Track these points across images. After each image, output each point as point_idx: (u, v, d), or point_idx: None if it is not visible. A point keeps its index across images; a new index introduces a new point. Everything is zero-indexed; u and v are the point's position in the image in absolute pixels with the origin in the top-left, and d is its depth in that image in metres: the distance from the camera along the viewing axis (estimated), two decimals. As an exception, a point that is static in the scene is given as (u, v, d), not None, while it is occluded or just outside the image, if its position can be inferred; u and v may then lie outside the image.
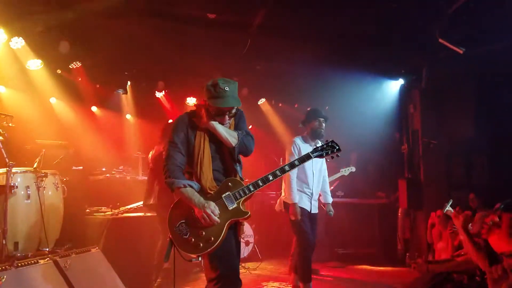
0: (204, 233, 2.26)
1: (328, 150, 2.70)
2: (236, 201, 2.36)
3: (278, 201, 4.49)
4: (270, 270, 5.62)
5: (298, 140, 4.17)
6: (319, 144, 3.76)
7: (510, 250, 2.98)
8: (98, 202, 4.99)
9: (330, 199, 4.37)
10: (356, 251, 6.53)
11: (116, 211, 4.76)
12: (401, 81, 6.39)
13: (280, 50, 5.93)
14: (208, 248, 2.24)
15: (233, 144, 2.43)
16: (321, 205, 4.47)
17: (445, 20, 4.44)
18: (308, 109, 4.45)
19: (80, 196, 4.67)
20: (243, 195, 2.39)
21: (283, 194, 4.25)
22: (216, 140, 2.45)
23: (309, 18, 5.09)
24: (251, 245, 6.15)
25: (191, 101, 7.33)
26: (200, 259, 2.27)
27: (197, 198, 2.31)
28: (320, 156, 2.67)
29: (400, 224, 6.36)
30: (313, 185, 4.15)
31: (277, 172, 2.44)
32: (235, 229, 2.43)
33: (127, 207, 4.90)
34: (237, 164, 2.51)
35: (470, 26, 4.69)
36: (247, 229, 6.15)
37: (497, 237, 3.10)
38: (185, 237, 2.25)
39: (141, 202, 5.03)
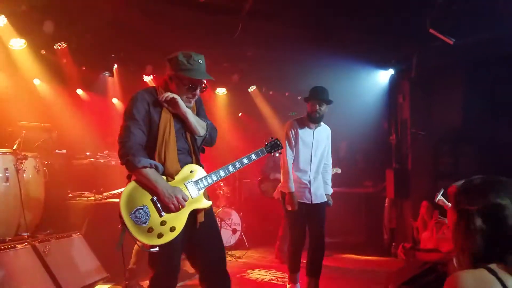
0: (166, 222, 2.10)
1: (275, 148, 2.65)
2: (199, 190, 2.26)
3: (276, 188, 4.37)
4: (257, 258, 5.61)
5: (295, 124, 3.77)
6: (313, 128, 3.71)
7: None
8: (81, 187, 4.89)
9: (330, 190, 3.97)
10: (343, 240, 6.56)
11: (100, 196, 4.67)
12: (391, 71, 6.35)
13: (271, 36, 5.83)
14: (171, 238, 2.10)
15: (201, 134, 2.34)
16: None
17: (436, 9, 4.38)
18: (313, 87, 3.90)
19: (63, 181, 4.57)
20: (206, 184, 2.29)
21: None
22: (180, 120, 2.31)
23: (301, 5, 4.99)
24: (238, 233, 6.13)
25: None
26: (158, 249, 2.09)
27: (164, 182, 2.14)
28: (269, 152, 2.63)
29: (386, 214, 6.39)
30: (310, 171, 3.73)
31: (237, 165, 2.39)
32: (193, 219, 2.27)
33: (111, 192, 4.80)
34: (198, 149, 2.40)
35: (460, 16, 4.65)
36: (235, 217, 6.11)
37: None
38: (143, 225, 2.05)
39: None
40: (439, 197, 3.96)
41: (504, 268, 1.20)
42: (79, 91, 6.69)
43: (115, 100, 7.17)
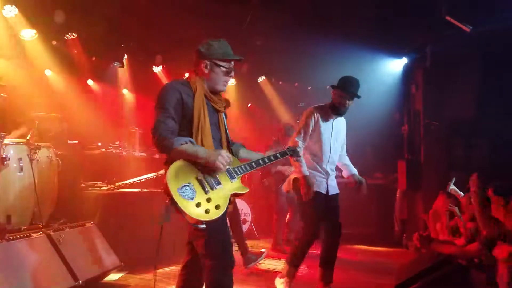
0: (211, 199, 2.14)
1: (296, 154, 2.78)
2: (237, 176, 2.29)
3: (286, 180, 4.18)
4: (267, 248, 5.62)
5: (316, 112, 3.53)
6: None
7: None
8: (93, 177, 4.92)
9: (354, 170, 3.78)
10: (353, 231, 6.52)
11: (112, 186, 4.70)
12: (404, 60, 6.25)
13: (281, 26, 5.77)
14: (217, 215, 2.13)
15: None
16: (346, 180, 3.92)
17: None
18: (347, 76, 3.67)
19: (75, 171, 4.59)
20: (244, 171, 2.33)
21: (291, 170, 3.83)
22: (213, 110, 2.37)
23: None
24: (248, 223, 6.15)
25: (190, 77, 7.19)
26: (204, 226, 2.11)
27: (203, 149, 2.18)
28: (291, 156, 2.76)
29: (397, 205, 6.35)
30: (328, 162, 3.61)
31: (268, 159, 2.45)
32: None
33: (123, 182, 4.83)
34: (229, 142, 2.46)
35: (476, 5, 4.54)
36: (245, 207, 6.13)
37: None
38: (191, 200, 2.08)
39: (138, 178, 4.98)
40: (451, 186, 3.91)
41: None
42: (90, 82, 6.72)
43: (125, 91, 7.20)
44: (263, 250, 4.44)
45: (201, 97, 2.31)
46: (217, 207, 2.14)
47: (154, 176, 5.03)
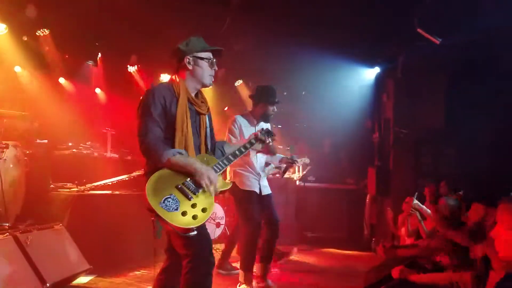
0: (197, 204, 2.16)
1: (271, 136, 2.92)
2: (217, 173, 2.33)
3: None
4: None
5: (240, 119, 3.80)
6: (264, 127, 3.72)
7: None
8: (63, 178, 4.79)
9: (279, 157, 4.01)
10: (324, 234, 6.68)
11: (82, 187, 4.60)
12: (377, 69, 6.45)
13: (259, 31, 5.83)
14: (205, 218, 2.16)
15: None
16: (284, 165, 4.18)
17: (423, 9, 4.47)
18: (266, 86, 3.92)
19: (44, 171, 4.46)
20: (223, 167, 2.38)
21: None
22: (194, 114, 2.39)
23: (289, 1, 5.01)
24: (221, 227, 6.14)
25: (165, 78, 7.12)
26: (196, 232, 2.12)
27: (197, 162, 2.21)
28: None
29: (367, 210, 6.52)
30: (257, 164, 3.83)
31: (242, 149, 2.54)
32: None
33: (94, 184, 4.74)
34: (207, 146, 2.49)
35: (445, 17, 4.75)
36: (219, 211, 6.11)
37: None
38: (176, 211, 2.08)
39: (109, 180, 4.89)
40: (414, 201, 4.04)
41: None
42: (62, 80, 6.54)
43: (98, 90, 7.04)
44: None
45: (184, 103, 2.32)
46: (203, 210, 2.17)
47: (126, 178, 4.96)
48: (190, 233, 2.11)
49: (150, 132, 2.20)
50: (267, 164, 4.22)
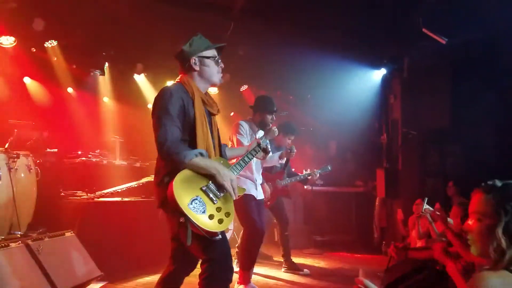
0: (221, 208, 2.10)
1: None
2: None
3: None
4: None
5: (244, 124, 3.96)
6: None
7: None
8: (73, 186, 4.85)
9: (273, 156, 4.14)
10: (333, 238, 6.64)
11: (92, 195, 4.64)
12: (383, 71, 6.43)
13: (263, 35, 5.86)
14: (230, 223, 2.11)
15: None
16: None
17: (428, 9, 4.47)
18: (264, 96, 4.31)
19: (55, 179, 4.52)
20: (239, 170, 2.38)
21: None
22: (208, 115, 2.34)
23: (293, 4, 5.04)
24: (230, 232, 6.14)
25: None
26: (220, 236, 2.09)
27: (217, 164, 2.15)
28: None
29: (377, 213, 6.48)
30: (254, 170, 3.93)
31: (249, 155, 2.54)
32: None
33: (103, 191, 4.78)
34: (220, 147, 2.47)
35: (451, 17, 4.75)
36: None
37: None
38: (203, 214, 2.01)
39: (119, 187, 4.93)
40: (425, 206, 3.99)
41: None
42: (70, 90, 6.63)
43: (105, 99, 7.13)
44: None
45: (200, 103, 2.27)
46: (227, 214, 2.12)
47: (135, 185, 5.00)
48: (216, 237, 2.06)
49: (170, 134, 2.10)
50: (269, 169, 4.52)
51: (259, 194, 3.99)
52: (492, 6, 4.41)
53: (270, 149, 2.91)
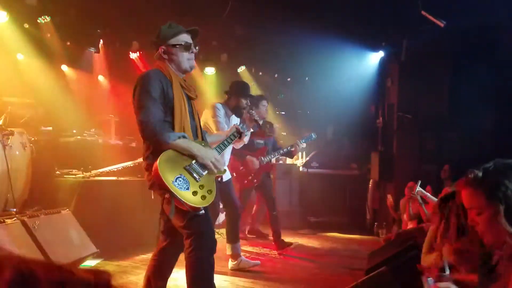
0: (204, 185, 2.23)
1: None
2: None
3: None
4: (244, 236, 5.69)
5: (220, 107, 3.93)
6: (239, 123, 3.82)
7: None
8: (68, 164, 4.83)
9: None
10: (328, 219, 6.73)
11: (88, 174, 4.64)
12: (381, 54, 6.39)
13: (261, 16, 5.77)
14: (212, 199, 2.24)
15: None
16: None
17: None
18: (240, 81, 4.33)
19: (50, 158, 4.50)
20: (219, 152, 2.46)
21: None
22: (187, 98, 2.41)
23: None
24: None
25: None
26: (203, 211, 2.22)
27: (198, 145, 2.28)
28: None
29: (370, 195, 6.55)
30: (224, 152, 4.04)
31: (229, 140, 2.66)
32: None
33: (99, 170, 4.78)
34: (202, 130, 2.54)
35: (450, 3, 4.69)
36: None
37: None
38: (187, 190, 2.16)
39: (114, 166, 4.93)
40: (418, 188, 4.03)
41: None
42: (64, 67, 6.54)
43: (100, 77, 7.04)
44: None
45: (179, 86, 2.34)
46: (209, 191, 2.25)
47: (131, 165, 5.00)
48: (199, 212, 2.19)
49: (153, 114, 2.19)
50: (251, 147, 4.55)
51: (226, 175, 3.93)
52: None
53: (246, 134, 3.04)
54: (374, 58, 6.54)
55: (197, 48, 2.45)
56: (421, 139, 6.32)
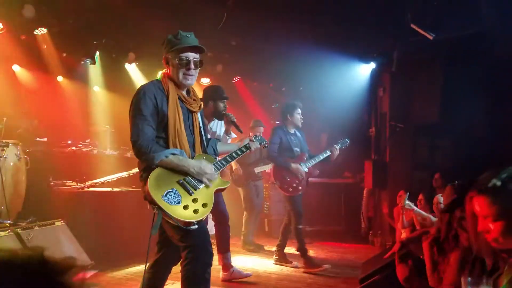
0: (198, 199, 2.22)
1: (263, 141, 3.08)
2: (216, 172, 2.38)
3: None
4: (239, 245, 5.70)
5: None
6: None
7: None
8: (63, 175, 4.86)
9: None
10: (323, 228, 6.74)
11: (83, 185, 4.66)
12: (373, 65, 6.49)
13: (256, 27, 5.86)
14: (206, 213, 2.22)
15: None
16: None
17: (418, 4, 4.51)
18: (213, 85, 4.44)
19: (44, 169, 4.52)
20: (222, 166, 2.44)
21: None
22: (186, 112, 2.40)
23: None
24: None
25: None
26: (197, 226, 2.19)
27: (189, 161, 2.26)
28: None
29: (364, 203, 6.59)
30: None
31: (238, 152, 2.65)
32: None
33: (93, 181, 4.80)
34: (205, 139, 2.53)
35: (439, 12, 4.79)
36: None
37: None
38: (177, 205, 2.14)
39: (109, 177, 4.94)
40: (406, 201, 4.07)
41: None
42: (60, 78, 6.58)
43: (96, 88, 7.09)
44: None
45: (175, 101, 2.32)
46: (204, 205, 2.22)
47: (126, 175, 5.02)
48: (191, 227, 2.16)
49: (142, 133, 2.20)
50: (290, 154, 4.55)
51: None
52: (481, 2, 4.45)
53: (264, 144, 3.06)
54: (366, 69, 6.64)
55: (198, 65, 2.40)
56: (414, 147, 6.38)
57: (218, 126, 4.24)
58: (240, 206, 5.87)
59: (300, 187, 4.53)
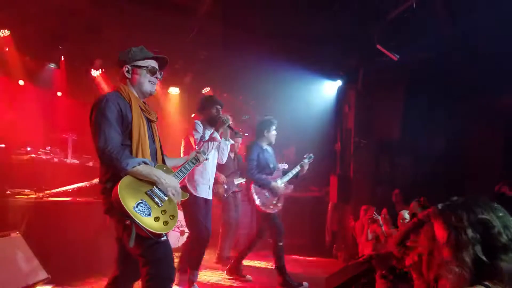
0: (166, 211, 2.20)
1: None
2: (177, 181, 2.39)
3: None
4: (204, 259, 5.61)
5: (200, 124, 3.95)
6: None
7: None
8: (20, 184, 4.62)
9: None
10: (288, 242, 6.75)
11: (41, 194, 4.46)
12: (339, 82, 6.72)
13: (226, 40, 5.92)
14: (174, 225, 2.20)
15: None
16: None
17: (383, 26, 4.74)
18: (206, 96, 4.38)
19: (1, 177, 4.30)
20: (181, 176, 2.47)
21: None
22: (147, 121, 2.40)
23: (257, 13, 5.15)
24: (186, 235, 6.10)
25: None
26: (165, 237, 2.19)
27: (158, 170, 2.25)
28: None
29: (329, 217, 6.71)
30: (209, 171, 3.96)
31: (190, 164, 2.66)
32: None
33: (53, 190, 4.60)
34: (162, 153, 2.52)
35: (404, 35, 5.05)
36: (183, 219, 6.09)
37: None
38: (149, 216, 2.10)
39: (70, 186, 4.76)
40: (375, 215, 4.22)
41: (497, 285, 1.37)
42: (21, 82, 6.31)
43: (59, 94, 6.85)
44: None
45: (138, 109, 2.33)
46: (171, 217, 2.21)
47: (87, 185, 4.86)
48: (161, 239, 2.16)
49: (110, 139, 2.17)
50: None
51: (210, 195, 3.98)
52: (443, 24, 4.71)
53: (205, 157, 2.98)
54: (333, 86, 6.86)
55: (161, 74, 2.49)
56: (376, 162, 6.62)
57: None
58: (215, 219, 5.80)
59: (279, 204, 4.56)
